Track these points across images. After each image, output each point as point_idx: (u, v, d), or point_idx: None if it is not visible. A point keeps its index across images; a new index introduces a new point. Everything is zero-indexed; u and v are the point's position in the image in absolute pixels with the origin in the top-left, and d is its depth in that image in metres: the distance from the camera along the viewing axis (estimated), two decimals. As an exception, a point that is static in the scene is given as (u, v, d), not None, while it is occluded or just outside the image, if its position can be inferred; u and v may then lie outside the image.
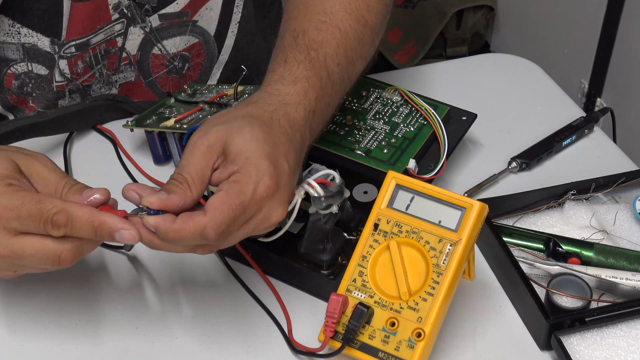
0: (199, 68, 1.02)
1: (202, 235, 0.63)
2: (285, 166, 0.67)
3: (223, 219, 0.63)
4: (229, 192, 0.64)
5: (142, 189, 0.66)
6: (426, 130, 0.87)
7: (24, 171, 0.67)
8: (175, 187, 0.65)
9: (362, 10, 0.80)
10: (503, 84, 1.07)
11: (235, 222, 0.64)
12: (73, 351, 0.73)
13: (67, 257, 0.64)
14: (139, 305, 0.77)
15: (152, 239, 0.64)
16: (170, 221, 0.63)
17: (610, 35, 1.90)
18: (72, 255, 0.65)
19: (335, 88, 0.76)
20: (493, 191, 0.90)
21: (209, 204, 0.63)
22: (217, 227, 0.63)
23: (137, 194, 0.65)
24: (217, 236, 0.63)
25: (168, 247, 0.65)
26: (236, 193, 0.64)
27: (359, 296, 0.70)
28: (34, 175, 0.67)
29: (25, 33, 0.91)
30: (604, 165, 0.93)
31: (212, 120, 0.69)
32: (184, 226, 0.63)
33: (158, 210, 0.64)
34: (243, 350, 0.73)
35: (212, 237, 0.63)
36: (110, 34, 0.94)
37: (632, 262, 0.78)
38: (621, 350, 0.71)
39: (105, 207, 0.65)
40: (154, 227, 0.63)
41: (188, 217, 0.63)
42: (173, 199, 0.64)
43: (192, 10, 0.97)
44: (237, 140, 0.66)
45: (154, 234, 0.64)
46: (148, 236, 0.64)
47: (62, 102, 0.97)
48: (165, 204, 0.64)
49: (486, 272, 0.81)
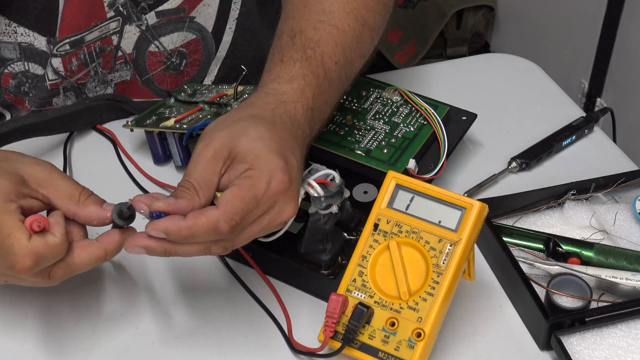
0: (197, 64, 1.02)
1: (215, 229, 0.62)
2: (294, 161, 0.67)
3: (236, 210, 0.62)
4: (241, 186, 0.63)
5: (150, 199, 0.64)
6: (426, 130, 0.87)
7: (31, 180, 0.65)
8: (182, 193, 0.64)
9: (360, 10, 0.80)
10: (503, 84, 1.07)
11: (249, 216, 0.63)
12: (73, 351, 0.73)
13: (57, 274, 0.64)
14: (139, 305, 0.77)
15: (163, 245, 0.63)
16: (180, 219, 0.62)
17: (610, 35, 1.90)
18: (63, 272, 0.64)
19: (333, 86, 0.76)
20: (493, 191, 0.90)
21: (222, 198, 0.63)
22: (230, 220, 0.62)
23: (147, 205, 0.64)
24: (230, 228, 0.62)
25: (182, 249, 0.63)
26: (249, 187, 0.63)
27: (359, 296, 0.70)
28: (43, 183, 0.65)
29: (21, 32, 0.91)
30: (604, 165, 0.93)
31: (214, 126, 0.68)
32: (197, 221, 0.62)
33: (161, 213, 0.63)
34: (243, 350, 0.74)
35: (226, 229, 0.62)
36: (105, 32, 0.94)
37: (632, 262, 0.78)
38: (621, 350, 0.71)
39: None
40: (164, 231, 0.62)
41: (200, 212, 0.62)
42: (181, 203, 0.63)
43: (190, 6, 0.97)
44: (243, 142, 0.66)
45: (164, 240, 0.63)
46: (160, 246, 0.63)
47: (56, 100, 0.97)
48: (173, 208, 0.63)
49: (486, 272, 0.81)
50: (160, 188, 0.88)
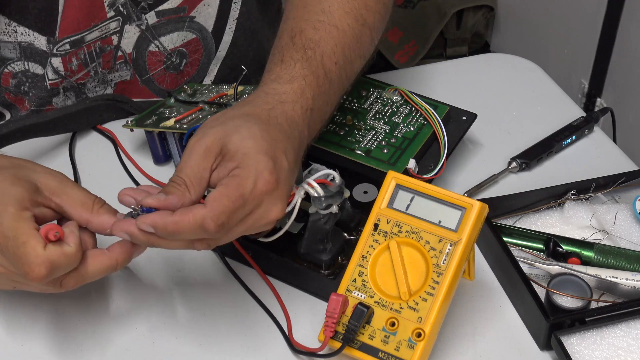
0: (197, 64, 1.02)
1: (201, 226, 0.62)
2: (285, 162, 0.67)
3: (223, 209, 0.63)
4: (229, 185, 0.64)
5: (137, 192, 0.65)
6: (426, 130, 0.87)
7: (45, 189, 0.66)
8: (173, 189, 0.65)
9: (360, 10, 0.81)
10: (503, 84, 1.07)
11: (235, 215, 0.64)
12: (73, 351, 0.73)
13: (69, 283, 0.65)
14: (139, 305, 0.77)
15: (149, 237, 0.64)
16: (168, 214, 0.63)
17: (610, 35, 1.90)
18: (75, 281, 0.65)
19: (333, 86, 0.76)
20: (493, 191, 0.90)
21: (209, 197, 0.63)
22: (217, 218, 0.62)
23: (133, 198, 0.65)
24: (216, 227, 0.62)
25: (166, 242, 0.65)
26: (235, 186, 0.64)
27: (359, 296, 0.70)
28: (57, 192, 0.66)
29: (21, 32, 0.91)
30: (604, 165, 0.93)
31: (208, 122, 0.69)
32: (183, 218, 0.62)
33: (151, 209, 0.63)
34: (243, 350, 0.74)
35: (212, 229, 0.62)
36: (105, 32, 0.94)
37: (632, 262, 0.78)
38: (621, 350, 0.71)
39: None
40: (151, 225, 0.63)
41: (187, 209, 0.63)
42: (171, 199, 0.64)
43: (190, 6, 0.97)
44: (234, 139, 0.66)
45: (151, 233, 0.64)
46: (145, 237, 0.64)
47: (56, 99, 0.97)
48: (163, 204, 0.64)
49: (486, 272, 0.81)
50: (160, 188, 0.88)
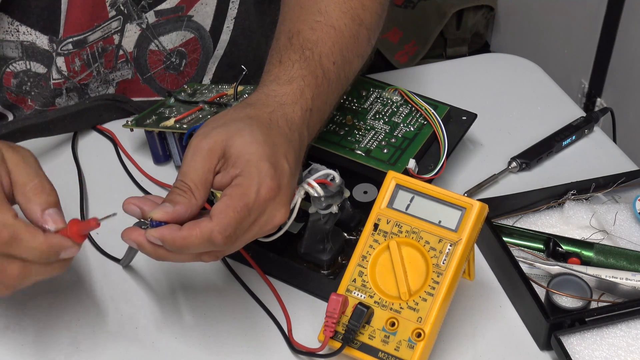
0: (196, 64, 1.02)
1: (209, 240, 0.63)
2: (286, 167, 0.67)
3: (229, 221, 0.63)
4: (233, 196, 0.64)
5: (143, 202, 0.65)
6: (426, 130, 0.87)
7: (6, 158, 0.63)
8: (179, 197, 0.65)
9: (357, 9, 0.81)
10: (503, 84, 1.07)
11: (242, 225, 0.64)
12: (73, 351, 0.73)
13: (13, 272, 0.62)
14: (139, 305, 0.77)
15: (157, 250, 0.64)
16: (176, 229, 0.63)
17: (610, 35, 1.90)
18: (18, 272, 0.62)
19: (331, 86, 0.77)
20: (493, 191, 0.90)
21: (214, 209, 0.64)
22: (224, 231, 0.63)
23: (139, 208, 0.65)
24: (224, 240, 0.63)
25: (174, 256, 0.65)
26: (239, 196, 0.64)
27: (359, 296, 0.70)
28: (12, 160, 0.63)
29: (24, 31, 0.91)
30: (604, 165, 0.93)
31: (211, 122, 0.69)
32: (191, 232, 0.63)
33: (160, 222, 0.64)
34: (243, 350, 0.74)
35: (220, 242, 0.63)
36: (107, 32, 0.94)
37: (632, 262, 0.78)
38: (621, 350, 0.71)
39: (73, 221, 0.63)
40: (160, 239, 0.63)
41: (194, 224, 0.63)
42: (179, 210, 0.64)
43: (187, 5, 0.97)
44: (237, 143, 0.66)
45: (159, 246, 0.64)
46: (153, 249, 0.64)
47: (59, 100, 0.97)
48: (172, 216, 0.64)
49: (486, 272, 0.81)
50: (160, 188, 0.88)
